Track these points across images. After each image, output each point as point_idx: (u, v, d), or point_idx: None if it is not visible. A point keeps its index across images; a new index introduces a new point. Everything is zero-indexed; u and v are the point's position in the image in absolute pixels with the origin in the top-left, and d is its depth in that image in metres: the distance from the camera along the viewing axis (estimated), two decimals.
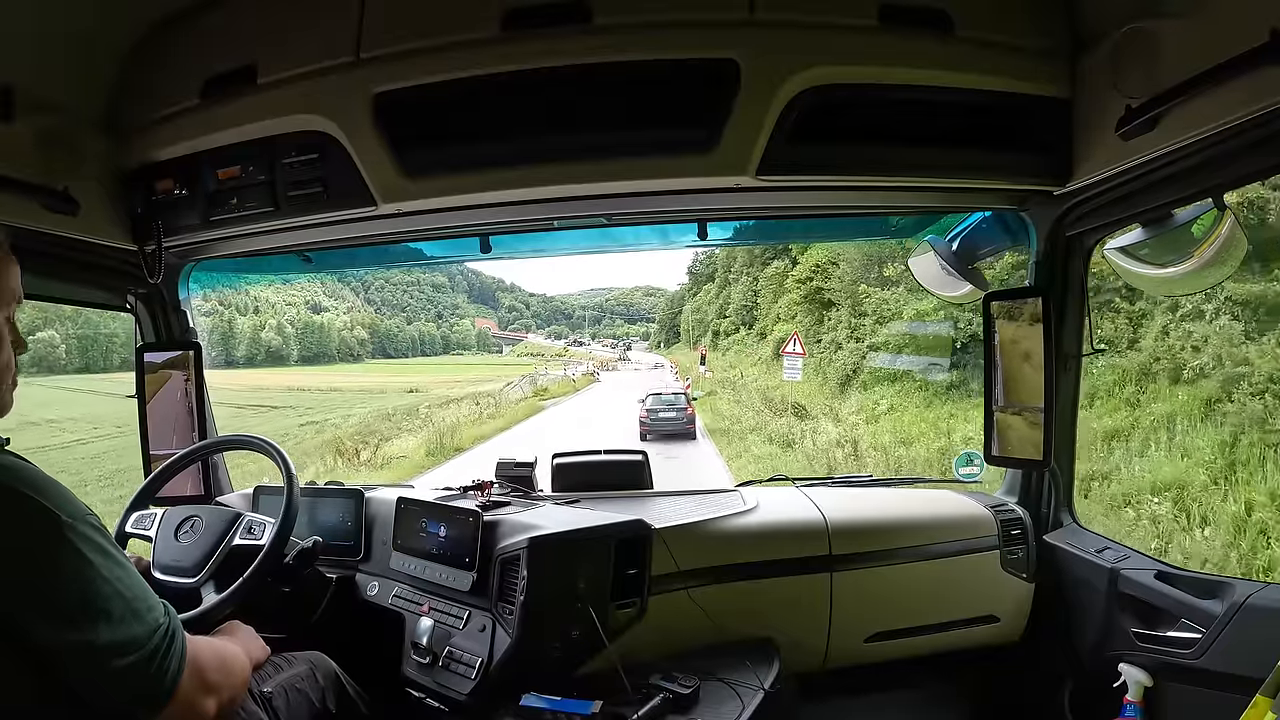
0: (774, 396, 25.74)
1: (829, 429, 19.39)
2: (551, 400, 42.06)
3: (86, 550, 1.14)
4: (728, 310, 49.41)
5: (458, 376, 66.94)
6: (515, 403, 38.08)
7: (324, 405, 41.10)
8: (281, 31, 1.97)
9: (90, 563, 1.14)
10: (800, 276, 29.12)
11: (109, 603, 1.14)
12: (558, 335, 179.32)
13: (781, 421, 21.91)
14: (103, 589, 1.14)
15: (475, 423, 28.91)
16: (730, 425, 24.37)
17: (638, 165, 1.95)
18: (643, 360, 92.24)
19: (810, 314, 28.19)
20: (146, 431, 2.65)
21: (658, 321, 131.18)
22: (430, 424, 27.87)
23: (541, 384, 49.74)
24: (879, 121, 1.93)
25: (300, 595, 2.20)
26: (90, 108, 2.07)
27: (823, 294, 27.00)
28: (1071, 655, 2.38)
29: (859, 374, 22.90)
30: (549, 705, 1.85)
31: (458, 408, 34.22)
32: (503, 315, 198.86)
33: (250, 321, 80.00)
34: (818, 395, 24.50)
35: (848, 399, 22.45)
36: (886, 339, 21.77)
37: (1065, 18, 1.88)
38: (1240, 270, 8.41)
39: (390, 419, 32.62)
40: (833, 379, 24.47)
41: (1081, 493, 9.67)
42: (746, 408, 26.51)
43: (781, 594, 2.34)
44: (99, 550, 1.16)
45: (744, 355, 40.74)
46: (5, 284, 1.30)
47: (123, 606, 1.16)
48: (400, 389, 52.94)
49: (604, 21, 1.82)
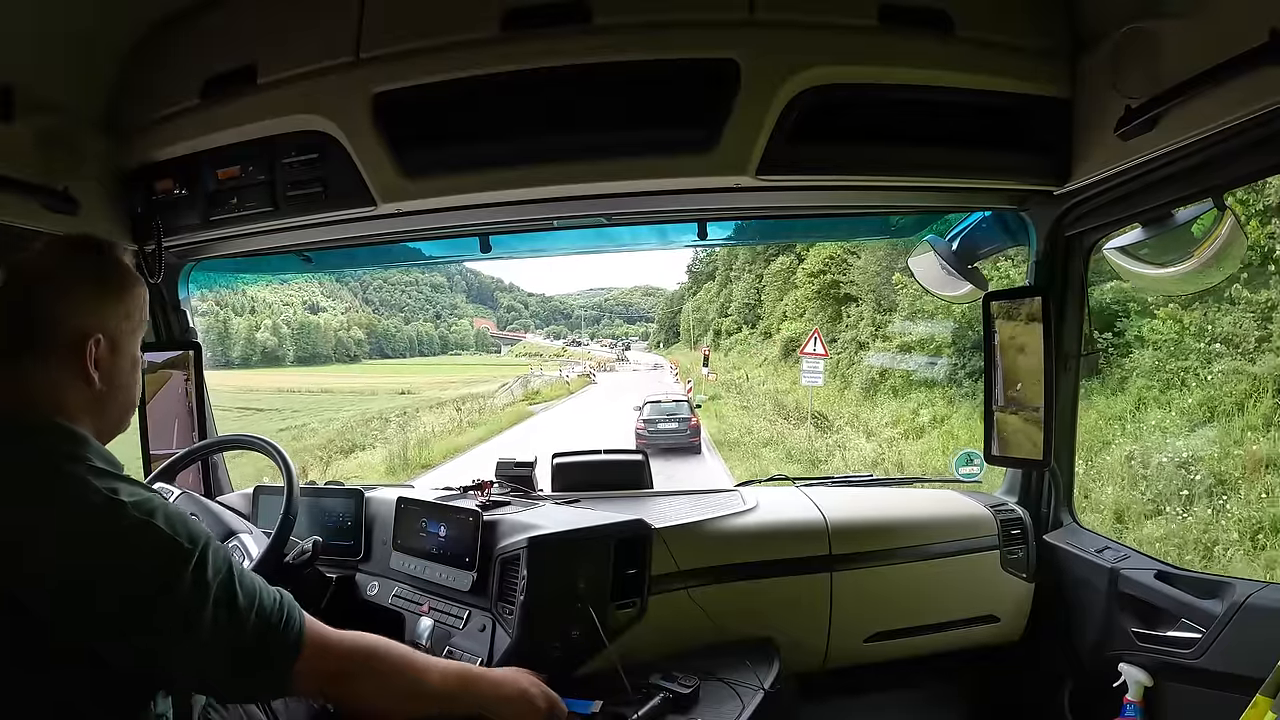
0: (787, 402, 23.95)
1: (860, 444, 17.25)
2: (542, 404, 39.56)
3: (209, 564, 1.18)
4: (729, 309, 48.53)
5: (452, 377, 65.88)
6: (501, 409, 35.33)
7: (312, 408, 39.83)
8: (281, 31, 1.97)
9: (210, 576, 1.18)
10: (812, 270, 27.43)
11: (227, 593, 1.19)
12: (556, 335, 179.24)
13: (800, 433, 19.84)
14: (224, 589, 1.19)
15: (454, 432, 26.89)
16: (741, 436, 21.81)
17: (637, 165, 1.95)
18: (641, 360, 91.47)
19: (824, 310, 26.54)
20: (146, 431, 2.65)
21: (657, 321, 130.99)
22: (406, 431, 26.03)
23: (533, 386, 46.62)
24: (879, 121, 1.94)
25: (300, 595, 2.19)
26: (90, 108, 2.07)
27: (839, 288, 25.27)
28: (1071, 655, 2.38)
29: (887, 377, 20.53)
30: None
31: (439, 413, 32.02)
32: (501, 315, 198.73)
33: (246, 322, 79.47)
34: (838, 401, 22.13)
35: (877, 406, 20.03)
36: (922, 337, 19.33)
37: (1065, 18, 1.88)
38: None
39: (369, 424, 30.62)
40: (856, 383, 22.11)
41: (1248, 547, 8.46)
42: (757, 415, 24.24)
43: (781, 594, 2.34)
44: (222, 561, 1.21)
45: (748, 355, 39.31)
46: (137, 306, 1.34)
47: (243, 592, 1.22)
48: (393, 390, 51.91)
49: (604, 21, 1.82)
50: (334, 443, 26.47)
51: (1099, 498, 10.31)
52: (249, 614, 1.21)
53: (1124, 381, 12.15)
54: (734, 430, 23.06)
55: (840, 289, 25.27)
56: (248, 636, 1.21)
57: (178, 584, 1.13)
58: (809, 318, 28.23)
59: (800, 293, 29.92)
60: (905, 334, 20.17)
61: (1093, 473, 10.66)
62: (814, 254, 27.38)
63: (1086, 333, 2.39)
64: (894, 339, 20.79)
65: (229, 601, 1.19)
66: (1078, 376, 2.45)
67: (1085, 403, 10.17)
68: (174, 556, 1.14)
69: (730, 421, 24.84)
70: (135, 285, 1.33)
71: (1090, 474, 10.62)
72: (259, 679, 1.26)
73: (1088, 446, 10.89)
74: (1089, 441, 10.97)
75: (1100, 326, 11.97)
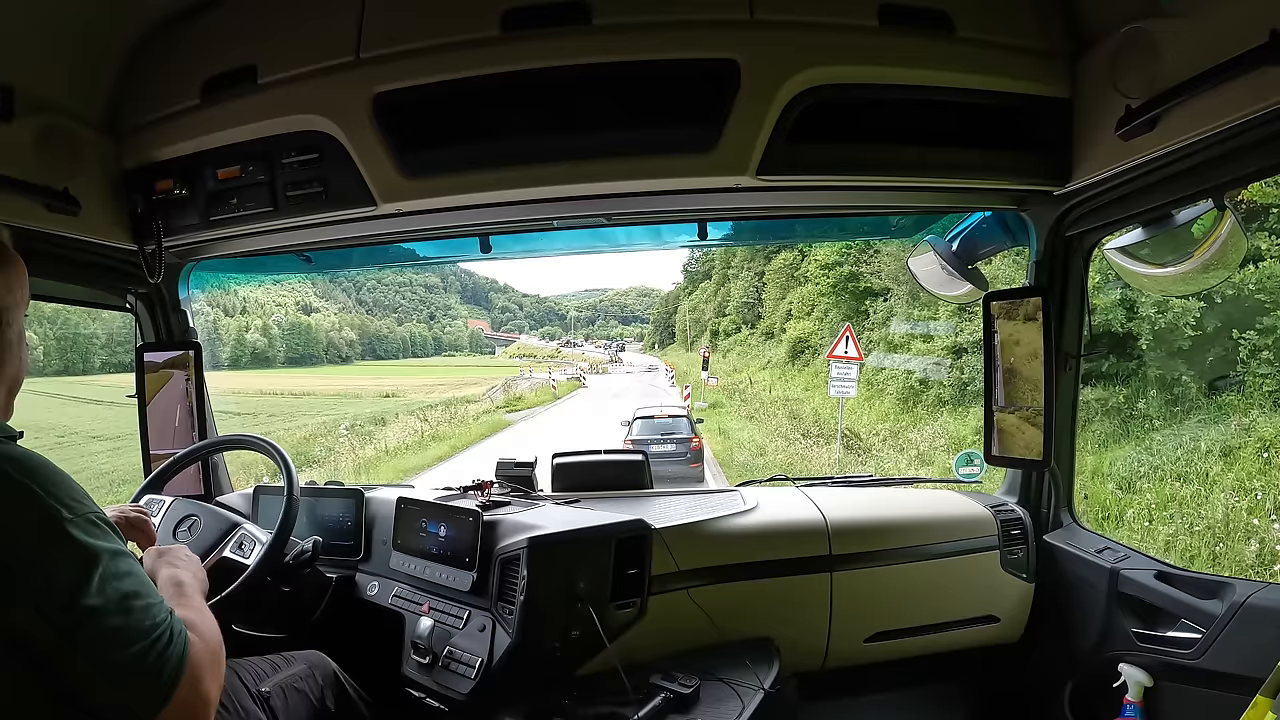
0: (803, 412, 20.50)
1: (915, 472, 13.54)
2: (524, 411, 35.71)
3: (93, 543, 1.12)
4: (727, 308, 47.05)
5: (442, 379, 64.31)
6: (474, 418, 31.64)
7: (289, 411, 37.91)
8: (282, 31, 1.97)
9: (98, 558, 1.11)
10: (825, 262, 23.97)
11: (106, 595, 1.10)
12: (551, 336, 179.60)
13: (827, 454, 16.03)
14: (101, 581, 1.11)
15: (413, 448, 23.45)
16: (752, 459, 17.32)
17: (637, 165, 1.95)
18: (635, 362, 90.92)
19: (838, 307, 23.26)
20: (147, 431, 2.64)
21: (652, 322, 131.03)
22: (364, 446, 22.99)
23: (515, 391, 43.61)
24: (879, 121, 1.94)
25: (300, 595, 2.20)
26: (90, 108, 2.06)
27: (858, 281, 21.93)
28: (1071, 655, 2.38)
29: (930, 385, 16.51)
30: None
31: (406, 422, 28.72)
32: (496, 316, 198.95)
33: (236, 322, 78.80)
34: (866, 413, 17.99)
35: (921, 423, 15.89)
36: (978, 337, 12.23)
37: (1065, 18, 1.88)
38: None
39: (328, 436, 26.25)
40: (890, 392, 17.86)
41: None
42: (768, 428, 20.13)
43: (781, 594, 2.34)
44: (106, 542, 1.14)
45: (749, 357, 36.97)
46: (26, 290, 1.30)
47: (121, 599, 1.12)
48: (377, 393, 49.90)
49: (603, 22, 1.82)
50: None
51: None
52: (129, 611, 1.13)
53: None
54: (742, 447, 18.97)
55: (860, 282, 22.04)
56: (127, 635, 1.12)
57: (50, 551, 1.09)
58: (819, 315, 26.01)
59: (807, 289, 27.71)
60: (957, 333, 16.29)
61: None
62: (825, 245, 23.12)
63: (1086, 333, 2.39)
64: (939, 339, 16.93)
65: (118, 584, 1.12)
66: (1078, 376, 2.45)
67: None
68: (47, 521, 1.09)
69: (737, 437, 20.83)
70: (14, 261, 1.30)
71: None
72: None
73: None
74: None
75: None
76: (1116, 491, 10.15)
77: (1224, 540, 8.46)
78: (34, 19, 1.78)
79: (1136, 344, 11.68)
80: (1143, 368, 11.73)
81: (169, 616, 1.19)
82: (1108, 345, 11.55)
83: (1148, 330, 11.47)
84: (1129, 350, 11.84)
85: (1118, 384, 11.95)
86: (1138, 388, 11.70)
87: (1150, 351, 11.56)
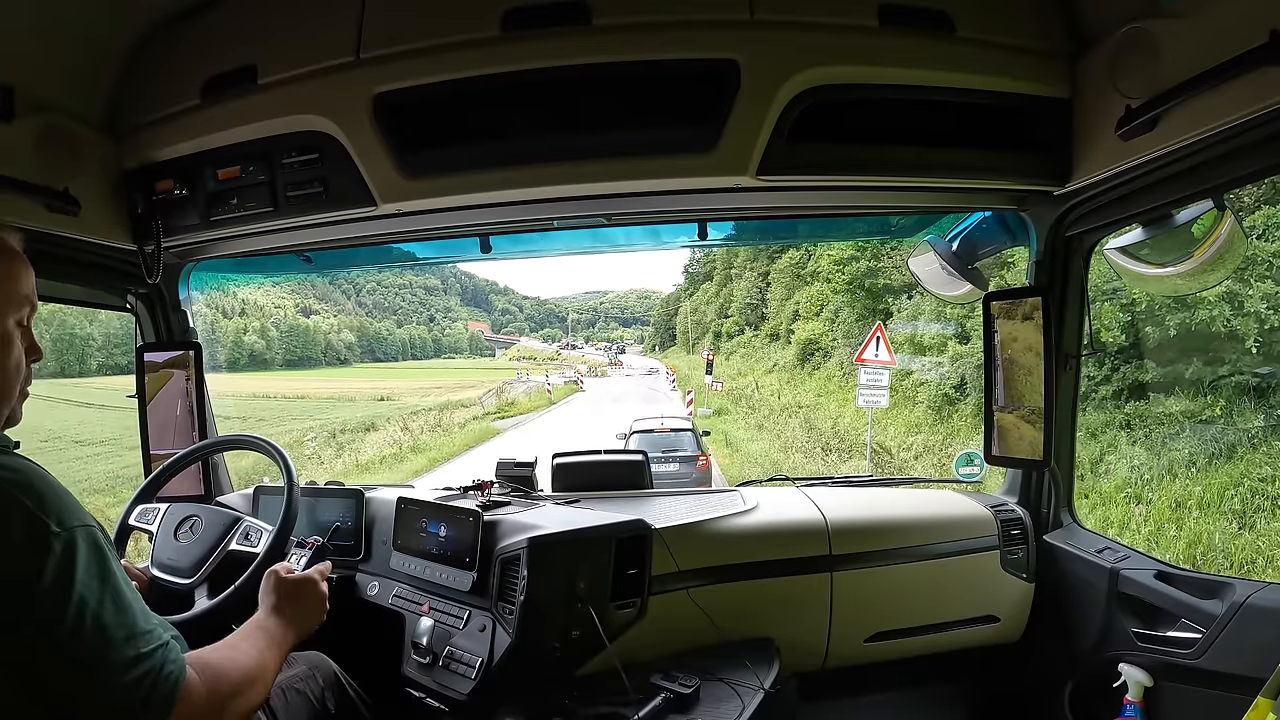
0: (819, 421, 18.65)
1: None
2: (516, 418, 33.54)
3: (76, 561, 1.07)
4: (729, 309, 46.73)
5: (440, 382, 62.63)
6: (460, 425, 29.75)
7: (279, 415, 36.61)
8: (282, 31, 1.97)
9: (76, 576, 1.07)
10: (840, 257, 22.67)
11: (93, 620, 1.07)
12: (551, 339, 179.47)
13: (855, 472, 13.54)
14: (88, 605, 1.07)
15: (388, 460, 21.88)
16: (765, 476, 12.09)
17: (638, 165, 1.95)
18: (635, 365, 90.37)
19: (855, 306, 21.98)
20: (147, 431, 2.64)
21: (652, 324, 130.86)
22: (340, 456, 21.44)
23: (509, 396, 41.95)
24: (879, 121, 1.94)
25: None
26: (90, 108, 2.07)
27: (876, 277, 20.81)
28: (1071, 655, 2.38)
29: (966, 393, 14.96)
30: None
31: (386, 431, 27.32)
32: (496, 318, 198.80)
33: (234, 324, 78.16)
34: (891, 422, 16.33)
35: (958, 435, 14.19)
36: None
37: (1065, 18, 1.88)
38: None
39: (300, 444, 24.60)
40: (921, 400, 16.18)
41: None
42: (780, 439, 18.42)
43: (781, 594, 2.34)
44: (90, 563, 1.09)
45: (754, 360, 35.98)
46: (15, 288, 1.25)
47: (108, 625, 1.09)
48: (372, 396, 48.59)
49: (603, 22, 1.82)
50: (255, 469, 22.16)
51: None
52: (118, 634, 1.10)
53: None
54: (753, 461, 17.16)
55: (879, 278, 20.86)
56: (101, 670, 1.08)
57: (33, 564, 1.05)
58: (829, 315, 24.68)
59: (816, 288, 26.54)
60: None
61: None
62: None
63: (1086, 333, 2.39)
64: (975, 338, 14.57)
65: (96, 608, 1.08)
66: (1078, 376, 2.45)
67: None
68: (33, 535, 1.06)
69: (747, 449, 18.82)
70: (12, 261, 1.27)
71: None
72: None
73: None
74: None
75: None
76: (1235, 528, 8.00)
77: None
78: (34, 19, 1.78)
79: (1242, 344, 9.47)
80: (1235, 374, 9.66)
81: (159, 650, 1.14)
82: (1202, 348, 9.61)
83: (1256, 330, 9.17)
84: (1222, 356, 9.78)
85: (1204, 393, 9.90)
86: (1231, 398, 9.62)
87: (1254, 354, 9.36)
